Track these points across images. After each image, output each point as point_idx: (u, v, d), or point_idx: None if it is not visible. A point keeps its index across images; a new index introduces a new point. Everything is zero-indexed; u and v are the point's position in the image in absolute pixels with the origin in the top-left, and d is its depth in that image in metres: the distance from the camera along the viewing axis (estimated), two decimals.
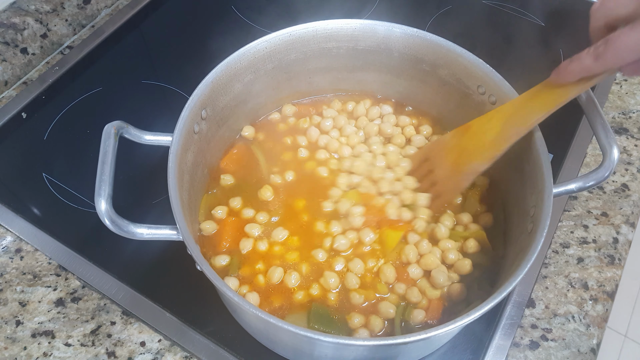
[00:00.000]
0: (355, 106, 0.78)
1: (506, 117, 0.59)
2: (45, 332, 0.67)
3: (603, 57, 0.46)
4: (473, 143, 0.62)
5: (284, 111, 0.79)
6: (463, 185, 0.65)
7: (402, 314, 0.62)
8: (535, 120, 0.57)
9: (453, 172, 0.64)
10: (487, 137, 0.60)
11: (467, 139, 0.63)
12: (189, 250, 0.53)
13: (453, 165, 0.64)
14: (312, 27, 0.71)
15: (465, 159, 0.63)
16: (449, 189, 0.66)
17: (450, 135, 0.67)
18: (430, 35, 0.69)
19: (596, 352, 0.67)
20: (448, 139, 0.67)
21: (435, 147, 0.68)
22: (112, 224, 0.52)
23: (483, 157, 0.61)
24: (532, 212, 0.59)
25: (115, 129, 0.57)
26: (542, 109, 0.56)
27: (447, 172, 0.65)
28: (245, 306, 0.50)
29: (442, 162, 0.66)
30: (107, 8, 1.04)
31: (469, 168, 0.62)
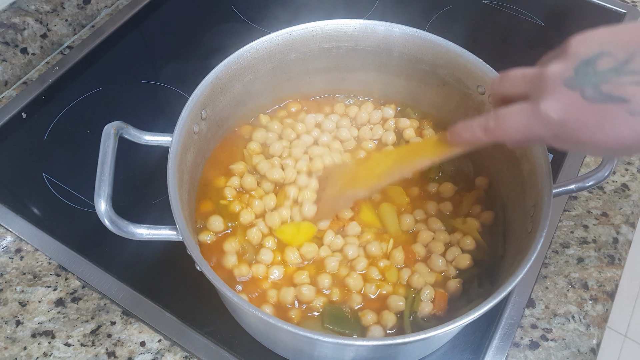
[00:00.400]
0: (359, 112, 0.78)
1: (400, 156, 0.63)
2: (45, 332, 0.67)
3: (492, 132, 0.49)
4: (365, 172, 0.65)
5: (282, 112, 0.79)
6: (339, 207, 0.67)
7: (411, 307, 0.62)
8: (419, 164, 0.60)
9: (337, 194, 0.67)
10: (377, 170, 0.63)
11: (362, 168, 0.66)
12: (188, 250, 0.53)
13: (340, 187, 0.67)
14: (312, 27, 0.71)
15: (352, 183, 0.65)
16: (325, 209, 0.67)
17: (353, 160, 0.71)
18: (429, 35, 0.69)
19: (596, 352, 0.67)
20: (350, 164, 0.70)
21: (336, 169, 0.70)
22: (112, 224, 0.52)
23: (366, 185, 0.64)
24: (531, 212, 0.59)
25: (115, 130, 0.57)
26: (429, 157, 0.59)
27: (332, 193, 0.67)
28: (245, 306, 0.50)
29: (334, 183, 0.68)
30: (107, 8, 1.04)
31: (350, 192, 0.65)
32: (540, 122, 0.44)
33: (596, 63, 0.42)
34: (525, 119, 0.46)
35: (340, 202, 0.67)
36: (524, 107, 0.46)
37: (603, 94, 0.41)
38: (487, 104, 0.68)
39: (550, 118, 0.44)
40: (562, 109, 0.43)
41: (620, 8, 1.02)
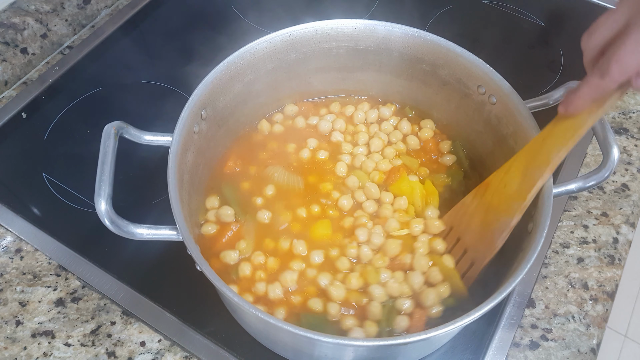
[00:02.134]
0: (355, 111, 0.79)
1: (525, 163, 0.57)
2: (45, 332, 0.67)
3: (609, 72, 0.45)
4: (497, 199, 0.58)
5: (286, 111, 0.79)
6: (497, 245, 0.60)
7: (387, 319, 0.61)
8: (556, 158, 0.54)
9: (483, 234, 0.60)
10: (510, 189, 0.57)
11: (489, 196, 0.60)
12: (188, 250, 0.53)
13: (481, 227, 0.60)
14: (312, 27, 0.71)
15: (493, 216, 0.59)
16: (481, 253, 0.61)
17: (470, 197, 0.63)
18: (430, 35, 0.69)
19: (596, 352, 0.67)
20: (469, 201, 0.63)
21: (457, 213, 0.65)
22: (112, 224, 0.52)
23: (511, 209, 0.57)
24: (532, 212, 0.59)
25: (115, 129, 0.57)
26: (560, 145, 0.53)
27: (476, 236, 0.61)
28: (245, 306, 0.50)
29: (468, 226, 0.62)
30: (107, 8, 1.04)
31: (499, 225, 0.58)
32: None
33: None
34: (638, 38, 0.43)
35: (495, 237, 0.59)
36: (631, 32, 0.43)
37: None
38: (488, 104, 0.68)
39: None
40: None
41: None
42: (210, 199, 0.70)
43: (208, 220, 0.68)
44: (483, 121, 0.70)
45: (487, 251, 0.60)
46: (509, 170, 0.58)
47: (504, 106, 0.66)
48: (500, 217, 0.58)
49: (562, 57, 0.95)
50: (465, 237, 0.63)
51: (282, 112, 0.79)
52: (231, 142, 0.75)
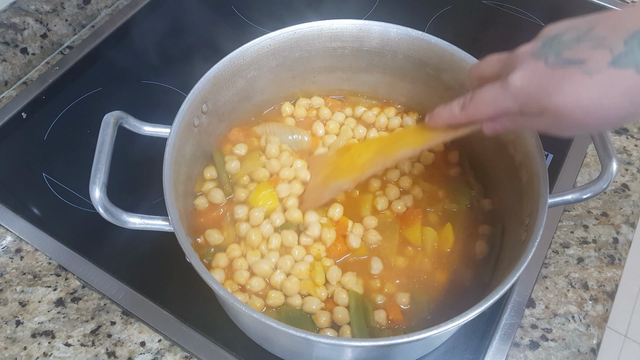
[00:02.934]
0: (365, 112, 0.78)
1: (382, 146, 0.63)
2: (45, 332, 0.67)
3: (466, 108, 0.52)
4: (347, 163, 0.65)
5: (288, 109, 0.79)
6: (324, 198, 0.66)
7: (363, 315, 0.61)
8: (400, 154, 0.60)
9: (320, 185, 0.67)
10: (359, 160, 0.63)
11: (344, 158, 0.66)
12: (179, 241, 0.53)
13: (323, 179, 0.67)
14: (317, 26, 0.71)
15: (335, 174, 0.66)
16: (310, 199, 0.67)
17: (334, 152, 0.70)
18: (434, 39, 0.69)
19: (596, 352, 0.67)
20: (330, 154, 0.70)
21: (317, 159, 0.71)
22: (106, 212, 0.53)
23: (349, 176, 0.64)
24: (526, 221, 0.58)
25: (115, 119, 0.58)
26: (410, 145, 0.59)
27: (315, 184, 0.68)
28: (235, 303, 0.50)
29: (317, 173, 0.68)
30: (107, 8, 1.04)
31: (334, 184, 0.65)
32: (507, 92, 0.47)
33: (562, 36, 0.45)
34: (494, 93, 0.49)
35: (325, 193, 0.66)
36: (495, 84, 0.49)
37: (563, 59, 0.44)
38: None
39: (515, 86, 0.46)
40: (526, 76, 0.46)
41: (619, 8, 1.02)
42: (209, 169, 0.71)
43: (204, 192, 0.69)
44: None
45: (313, 200, 0.67)
46: (368, 146, 0.65)
47: None
48: (339, 177, 0.65)
49: None
50: (310, 179, 0.69)
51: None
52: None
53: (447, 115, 0.54)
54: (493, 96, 0.49)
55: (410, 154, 0.61)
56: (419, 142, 0.58)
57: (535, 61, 0.45)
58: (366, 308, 0.62)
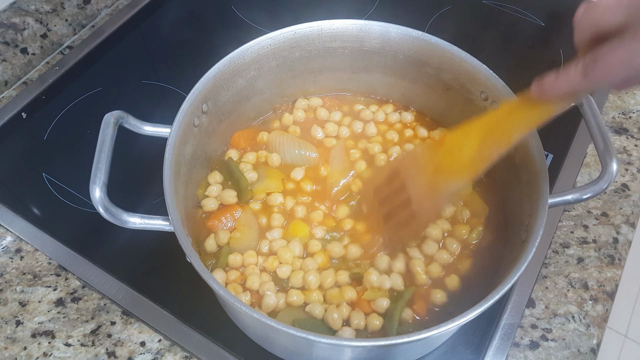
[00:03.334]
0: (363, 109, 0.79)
1: (484, 132, 0.54)
2: (45, 332, 0.67)
3: (592, 74, 0.43)
4: (449, 159, 0.57)
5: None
6: (441, 206, 0.61)
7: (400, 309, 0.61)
8: (517, 137, 0.53)
9: (430, 191, 0.59)
10: (464, 154, 0.55)
11: (442, 154, 0.58)
12: (179, 241, 0.53)
13: (429, 183, 0.59)
14: (317, 26, 0.71)
15: (442, 177, 0.57)
16: (425, 209, 0.60)
17: (422, 149, 0.63)
18: (435, 39, 0.69)
19: (596, 352, 0.67)
20: (420, 153, 0.62)
21: (407, 162, 0.63)
22: (106, 211, 0.53)
23: (461, 175, 0.56)
24: (527, 221, 0.59)
25: (115, 119, 0.58)
26: (524, 125, 0.52)
27: (422, 190, 0.59)
28: (234, 302, 0.50)
29: (415, 178, 0.60)
30: (107, 8, 1.04)
31: (447, 187, 0.58)
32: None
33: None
34: (629, 50, 0.40)
35: (439, 200, 0.59)
36: (626, 39, 0.40)
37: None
38: (490, 110, 0.67)
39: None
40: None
41: None
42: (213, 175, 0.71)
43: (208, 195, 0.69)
44: None
45: (430, 209, 0.60)
46: (468, 135, 0.56)
47: None
48: (449, 178, 0.57)
49: (562, 57, 0.95)
50: (410, 187, 0.61)
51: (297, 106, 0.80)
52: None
53: (565, 84, 0.46)
54: (628, 54, 0.40)
55: (526, 133, 0.52)
56: (534, 119, 0.50)
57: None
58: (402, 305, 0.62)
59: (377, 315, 0.61)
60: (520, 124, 0.51)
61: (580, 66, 0.44)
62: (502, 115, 0.54)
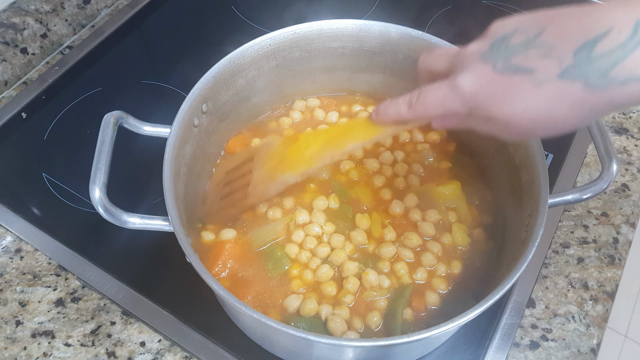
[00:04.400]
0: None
1: (329, 138, 0.61)
2: (45, 332, 0.67)
3: (414, 107, 0.50)
4: (294, 154, 0.63)
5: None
6: (270, 193, 0.65)
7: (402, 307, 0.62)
8: (349, 147, 0.59)
9: (267, 177, 0.65)
10: (307, 152, 0.62)
11: (291, 149, 0.64)
12: (179, 241, 0.53)
13: (269, 171, 0.65)
14: (317, 26, 0.71)
15: (282, 167, 0.64)
16: (256, 192, 0.66)
17: (279, 141, 0.67)
18: (435, 39, 0.69)
19: (596, 352, 0.67)
20: (276, 144, 0.67)
21: (262, 149, 0.68)
22: (106, 212, 0.53)
23: (297, 169, 0.62)
24: (527, 221, 0.58)
25: (115, 119, 0.58)
26: (357, 139, 0.58)
27: (262, 176, 0.66)
28: (235, 302, 0.50)
29: (262, 164, 0.66)
30: (107, 8, 1.04)
31: (281, 177, 0.64)
32: (455, 94, 0.46)
33: (510, 39, 0.44)
34: (442, 93, 0.47)
35: (271, 187, 0.65)
36: (443, 83, 0.47)
37: (512, 66, 0.43)
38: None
39: (463, 90, 0.45)
40: (475, 80, 0.45)
41: None
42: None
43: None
44: None
45: (260, 194, 0.66)
46: (316, 138, 0.63)
47: None
48: (286, 170, 0.63)
49: None
50: (255, 171, 0.67)
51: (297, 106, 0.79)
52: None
53: (393, 112, 0.53)
54: (441, 97, 0.47)
55: (359, 147, 0.61)
56: (367, 135, 0.57)
57: (483, 65, 0.44)
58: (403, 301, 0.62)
59: (378, 314, 0.62)
60: (356, 138, 0.58)
61: (407, 99, 0.51)
62: (346, 127, 0.62)
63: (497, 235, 0.67)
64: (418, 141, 0.76)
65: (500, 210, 0.69)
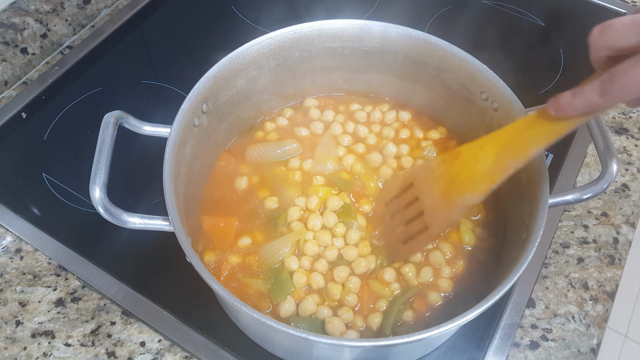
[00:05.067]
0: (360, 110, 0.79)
1: (500, 145, 0.55)
2: (45, 332, 0.67)
3: (610, 92, 0.44)
4: (465, 172, 0.57)
5: None
6: (455, 219, 0.60)
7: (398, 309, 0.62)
8: (535, 151, 0.53)
9: (443, 203, 0.59)
10: (480, 167, 0.56)
11: (457, 166, 0.58)
12: (179, 241, 0.53)
13: (443, 195, 0.59)
14: (317, 26, 0.71)
15: (457, 189, 0.58)
16: (438, 221, 0.61)
17: (438, 160, 0.62)
18: (434, 39, 0.69)
19: (596, 352, 0.67)
20: (435, 164, 0.62)
21: (422, 173, 0.63)
22: (106, 211, 0.53)
23: (477, 188, 0.56)
24: (527, 221, 0.58)
25: (115, 119, 0.58)
26: (541, 140, 0.52)
27: (436, 202, 0.60)
28: (236, 303, 0.50)
29: (429, 189, 0.61)
30: (107, 8, 1.04)
31: (461, 200, 0.58)
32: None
33: None
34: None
35: (454, 212, 0.59)
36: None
37: None
38: (490, 111, 0.67)
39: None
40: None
41: (620, 8, 1.02)
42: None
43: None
44: (485, 127, 0.69)
45: (442, 221, 0.60)
46: (484, 148, 0.56)
47: (506, 113, 0.65)
48: (464, 191, 0.57)
49: (562, 57, 0.95)
50: (424, 198, 0.61)
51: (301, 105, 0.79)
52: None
53: (582, 103, 0.46)
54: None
55: (542, 149, 0.52)
56: (551, 134, 0.50)
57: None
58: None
59: (380, 315, 0.62)
60: (537, 139, 0.52)
61: (597, 85, 0.44)
62: (518, 129, 0.55)
63: (498, 234, 0.67)
64: (420, 138, 0.76)
65: (500, 210, 0.69)
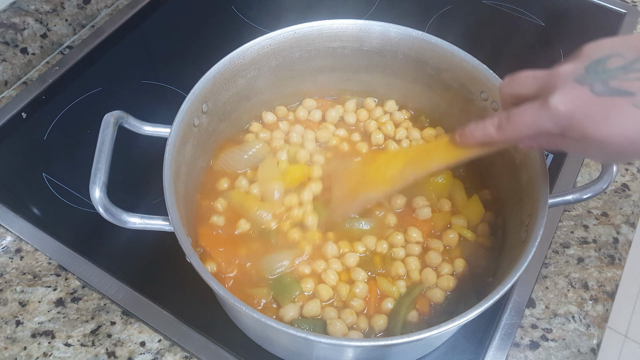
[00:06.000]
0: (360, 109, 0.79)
1: (409, 158, 0.63)
2: (45, 332, 0.67)
3: (504, 129, 0.50)
4: (374, 174, 0.64)
5: None
6: (352, 210, 0.67)
7: (406, 309, 0.62)
8: (433, 168, 0.60)
9: (348, 196, 0.66)
10: (387, 172, 0.63)
11: (370, 169, 0.65)
12: (179, 241, 0.53)
13: (350, 190, 0.66)
14: (317, 26, 0.71)
15: (362, 187, 0.65)
16: (338, 211, 0.67)
17: (357, 161, 0.70)
18: (435, 39, 0.69)
19: (596, 352, 0.67)
20: (354, 164, 0.69)
21: (340, 168, 0.70)
22: (106, 211, 0.53)
23: (378, 189, 0.63)
24: (527, 221, 0.58)
25: (115, 119, 0.58)
26: (442, 160, 0.59)
27: (342, 194, 0.67)
28: (236, 303, 0.50)
29: (341, 183, 0.68)
30: (107, 8, 1.04)
31: (363, 196, 0.65)
32: (549, 115, 0.46)
33: (606, 62, 0.45)
34: (534, 114, 0.47)
35: (353, 205, 0.66)
36: (534, 104, 0.47)
37: (611, 89, 0.43)
38: (490, 110, 0.67)
39: (558, 110, 0.45)
40: (570, 101, 0.45)
41: (620, 8, 1.02)
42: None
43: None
44: None
45: (343, 211, 0.67)
46: (397, 157, 0.64)
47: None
48: (368, 190, 0.64)
49: (562, 57, 0.95)
50: (334, 189, 0.69)
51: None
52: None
53: (481, 135, 0.53)
54: (533, 118, 0.47)
55: (442, 168, 0.60)
56: (451, 157, 0.57)
57: (579, 87, 0.45)
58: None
59: (383, 315, 0.62)
60: (440, 159, 0.59)
61: (496, 121, 0.51)
62: (429, 147, 0.64)
63: (498, 234, 0.67)
64: (419, 138, 0.76)
65: (500, 210, 0.69)
